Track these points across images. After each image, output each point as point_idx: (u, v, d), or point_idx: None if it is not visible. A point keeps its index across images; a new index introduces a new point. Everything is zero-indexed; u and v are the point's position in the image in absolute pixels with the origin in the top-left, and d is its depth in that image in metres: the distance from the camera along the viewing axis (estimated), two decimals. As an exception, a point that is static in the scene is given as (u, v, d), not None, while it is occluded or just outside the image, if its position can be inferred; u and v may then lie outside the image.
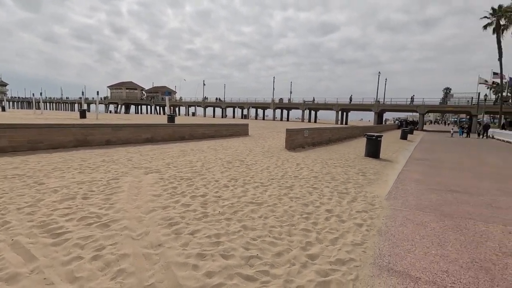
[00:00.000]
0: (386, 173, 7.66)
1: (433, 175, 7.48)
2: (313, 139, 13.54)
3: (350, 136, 20.39)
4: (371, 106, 53.40)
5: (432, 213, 4.34)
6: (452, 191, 5.77)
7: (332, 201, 4.75)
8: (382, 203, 4.80)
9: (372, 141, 10.37)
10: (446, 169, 8.56)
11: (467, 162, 10.52)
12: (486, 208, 4.71)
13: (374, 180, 6.63)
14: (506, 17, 27.90)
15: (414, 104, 49.16)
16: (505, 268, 2.77)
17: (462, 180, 7.01)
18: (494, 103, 45.07)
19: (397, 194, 5.42)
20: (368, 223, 3.82)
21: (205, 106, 78.05)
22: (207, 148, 10.47)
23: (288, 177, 6.31)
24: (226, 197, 4.52)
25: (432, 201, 4.99)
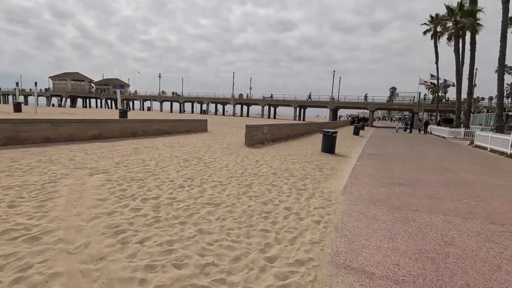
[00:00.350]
0: (341, 168, 7.97)
1: (383, 169, 7.97)
2: (273, 135, 13.65)
3: (308, 132, 21.06)
4: (326, 103, 55.90)
5: (383, 207, 4.56)
6: (399, 184, 6.18)
7: (291, 198, 4.74)
8: (338, 199, 4.93)
9: (328, 137, 10.75)
10: (394, 163, 9.20)
11: (410, 156, 11.47)
12: (429, 199, 5.10)
13: (330, 176, 6.84)
14: (442, 25, 31.07)
15: (365, 102, 52.63)
16: (447, 257, 2.97)
17: (407, 173, 7.57)
18: (431, 102, 50.21)
19: (352, 189, 5.63)
20: (325, 220, 3.87)
21: (161, 101, 74.68)
22: (162, 145, 9.91)
23: (248, 174, 6.20)
24: (181, 199, 4.25)
25: (383, 195, 5.27)
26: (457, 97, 30.05)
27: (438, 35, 32.41)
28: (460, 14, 26.30)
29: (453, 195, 5.47)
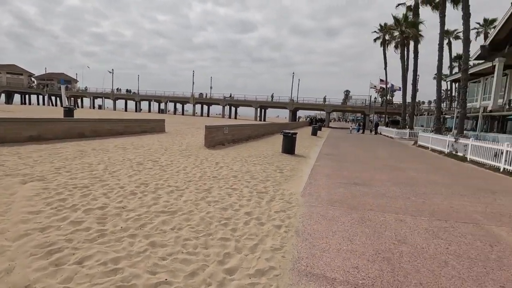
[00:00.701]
0: (301, 169, 8.09)
1: (340, 169, 8.27)
2: (233, 136, 13.47)
3: (269, 133, 21.27)
4: (286, 104, 57.27)
5: (341, 207, 4.66)
6: (355, 184, 6.43)
7: (252, 202, 4.62)
8: (298, 201, 4.93)
9: (288, 138, 10.89)
10: (349, 163, 9.62)
11: (364, 155, 12.15)
12: (382, 198, 5.36)
13: (290, 177, 6.87)
14: (390, 33, 33.75)
15: (322, 104, 54.99)
16: (401, 256, 3.08)
17: (362, 172, 7.93)
18: (381, 105, 54.26)
19: (312, 190, 5.69)
20: (286, 224, 3.80)
21: (115, 99, 69.95)
22: (114, 147, 9.14)
23: (207, 178, 5.94)
24: (132, 208, 3.87)
25: (340, 195, 5.41)
26: (403, 101, 32.83)
27: (386, 43, 35.10)
28: (405, 24, 28.82)
29: (403, 193, 5.83)
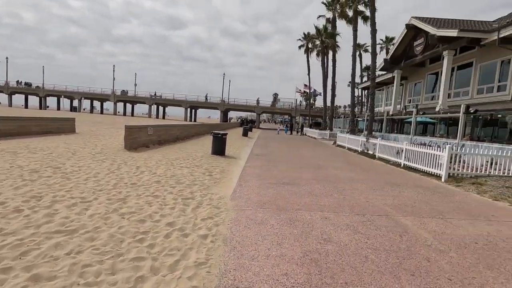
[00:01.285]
0: (231, 171, 7.88)
1: (269, 169, 8.35)
2: (159, 137, 12.47)
3: (199, 134, 20.56)
4: (217, 105, 56.84)
5: (271, 209, 4.58)
6: (284, 184, 6.52)
7: (175, 210, 4.16)
8: (227, 205, 4.67)
9: (218, 139, 10.57)
10: (278, 163, 9.86)
11: (291, 155, 12.69)
12: (308, 197, 5.52)
13: (220, 180, 6.57)
14: (312, 42, 36.74)
15: (253, 105, 56.38)
16: (327, 255, 3.09)
17: (290, 172, 8.17)
18: (305, 108, 58.68)
19: (241, 193, 5.51)
20: (213, 232, 3.49)
21: (11, 93, 58.28)
22: (0, 151, 7.35)
23: (124, 185, 5.18)
24: (12, 230, 3.00)
25: (270, 196, 5.36)
26: (323, 104, 36.04)
27: (309, 51, 38.02)
28: (325, 35, 31.73)
29: (326, 190, 6.14)
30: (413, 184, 7.44)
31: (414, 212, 4.86)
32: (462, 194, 6.50)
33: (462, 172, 8.11)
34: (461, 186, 7.22)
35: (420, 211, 4.93)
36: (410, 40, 23.58)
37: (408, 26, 22.45)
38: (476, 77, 19.51)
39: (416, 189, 6.81)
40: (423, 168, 9.00)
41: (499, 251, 3.44)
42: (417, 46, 22.67)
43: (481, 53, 18.53)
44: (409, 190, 6.61)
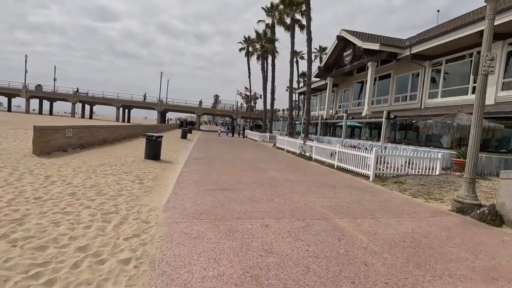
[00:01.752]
0: (167, 177, 7.21)
1: (208, 174, 7.90)
2: (81, 139, 10.89)
3: (132, 136, 18.82)
4: (154, 105, 53.47)
5: (208, 219, 4.19)
6: (223, 190, 6.17)
7: (92, 229, 3.45)
8: (158, 218, 4.12)
9: (152, 142, 9.68)
10: (218, 166, 9.47)
11: (232, 158, 12.42)
12: (249, 203, 5.29)
13: (152, 188, 5.90)
14: (253, 46, 37.35)
15: (193, 106, 54.60)
16: (268, 270, 2.86)
17: (230, 176, 7.86)
18: (246, 110, 59.37)
19: (176, 202, 4.98)
20: (138, 254, 2.95)
21: None
22: None
23: (24, 201, 4.18)
24: None
25: (208, 205, 4.96)
26: (263, 107, 36.89)
27: (250, 54, 38.52)
28: (265, 39, 32.54)
29: (267, 195, 6.01)
30: (346, 184, 7.88)
31: (349, 213, 5.03)
32: (388, 193, 7.09)
33: (386, 172, 8.93)
34: (386, 185, 7.92)
35: (354, 212, 5.13)
36: (341, 51, 25.71)
37: (339, 38, 24.43)
38: (393, 87, 22.21)
39: (349, 189, 7.19)
40: (354, 169, 9.68)
41: (423, 247, 3.69)
42: (346, 56, 24.83)
43: (397, 66, 21.18)
44: (343, 191, 6.94)
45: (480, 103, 5.49)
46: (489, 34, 5.39)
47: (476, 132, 5.51)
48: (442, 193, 6.96)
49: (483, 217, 4.98)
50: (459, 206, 5.51)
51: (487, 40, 5.40)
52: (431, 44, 16.86)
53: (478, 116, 5.50)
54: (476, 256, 3.52)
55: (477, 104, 5.52)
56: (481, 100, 5.49)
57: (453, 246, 3.81)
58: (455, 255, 3.52)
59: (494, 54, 5.37)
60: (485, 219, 4.94)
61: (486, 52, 5.36)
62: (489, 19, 5.37)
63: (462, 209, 5.44)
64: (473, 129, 5.56)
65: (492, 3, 5.33)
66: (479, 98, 5.52)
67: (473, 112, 5.60)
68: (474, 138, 5.52)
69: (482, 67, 5.36)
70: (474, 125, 5.55)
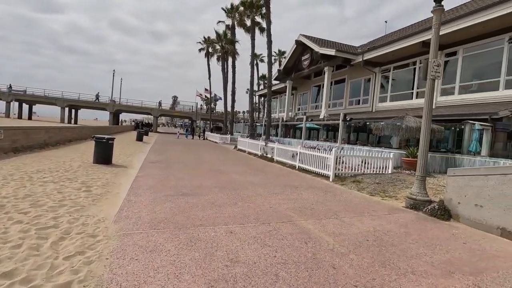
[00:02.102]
0: (119, 183, 6.57)
1: (166, 178, 7.40)
2: (16, 142, 9.53)
3: (80, 138, 17.16)
4: (106, 105, 49.75)
5: (167, 229, 3.82)
6: (184, 195, 5.78)
7: (22, 249, 2.89)
8: (108, 230, 3.64)
9: (102, 145, 8.81)
10: (177, 170, 8.95)
11: (192, 161, 11.91)
12: (211, 208, 4.99)
13: (101, 196, 5.28)
14: (213, 47, 36.75)
15: (149, 107, 51.94)
16: (235, 281, 2.63)
17: (190, 180, 7.45)
18: (206, 112, 58.26)
19: (130, 211, 4.49)
20: (81, 277, 2.51)
21: None
22: None
23: None
24: None
25: (167, 212, 4.56)
26: (224, 109, 36.45)
27: (210, 55, 37.85)
28: (225, 40, 32.22)
29: (230, 199, 5.76)
30: (308, 185, 7.96)
31: (313, 215, 5.01)
32: (347, 192, 7.30)
33: (344, 172, 9.25)
34: (345, 184, 8.18)
35: (319, 213, 5.13)
36: (299, 55, 26.49)
37: (297, 42, 25.13)
38: (348, 91, 23.47)
39: (311, 190, 7.26)
40: (315, 170, 9.88)
41: (385, 245, 3.77)
42: (305, 60, 25.66)
43: (351, 72, 22.43)
44: (306, 192, 6.97)
45: (429, 106, 5.90)
46: (435, 42, 5.83)
47: (426, 133, 5.90)
48: (396, 190, 7.37)
49: (434, 212, 5.33)
50: (412, 203, 5.84)
51: (434, 47, 5.84)
52: (380, 52, 18.14)
53: (427, 118, 5.90)
54: (432, 251, 3.68)
55: (426, 107, 5.92)
56: (430, 104, 5.91)
57: (411, 242, 3.96)
58: (414, 251, 3.65)
59: (440, 61, 5.81)
60: (436, 214, 5.29)
61: (434, 58, 5.78)
62: (435, 28, 5.81)
63: (415, 206, 5.78)
64: (423, 130, 5.95)
65: (437, 14, 5.77)
66: (428, 101, 5.93)
67: (423, 114, 6.00)
68: (424, 138, 5.92)
69: (430, 73, 5.77)
70: (424, 127, 5.95)
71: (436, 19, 5.81)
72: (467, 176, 4.97)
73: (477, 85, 14.05)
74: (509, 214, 4.33)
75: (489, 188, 4.62)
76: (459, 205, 5.09)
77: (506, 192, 4.39)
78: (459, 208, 5.08)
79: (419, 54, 16.75)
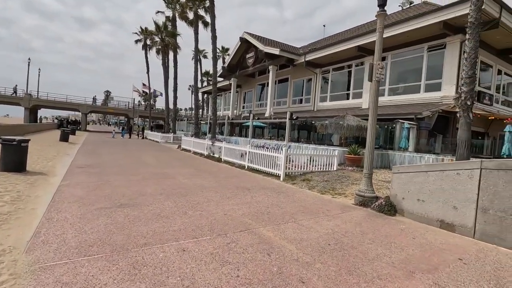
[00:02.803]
0: (35, 196, 5.36)
1: (99, 187, 6.35)
2: None
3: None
4: (19, 100, 42.40)
5: (102, 254, 3.10)
6: (122, 206, 4.96)
7: None
8: (17, 264, 2.77)
9: (12, 148, 7.19)
10: (112, 175, 7.83)
11: (130, 164, 10.68)
12: (157, 221, 4.34)
13: (10, 215, 4.16)
14: (151, 39, 34.12)
15: (76, 103, 46.05)
16: (195, 318, 2.16)
17: (129, 187, 6.54)
18: (145, 109, 54.25)
19: (50, 233, 3.58)
20: None
21: None
22: None
23: None
24: None
25: (101, 231, 3.76)
26: (166, 106, 34.30)
27: (148, 47, 35.13)
28: (166, 32, 30.17)
29: (179, 207, 5.15)
30: (260, 186, 7.73)
31: (271, 220, 4.75)
32: (300, 192, 7.29)
33: (294, 171, 9.31)
34: (296, 183, 8.19)
35: (276, 217, 4.90)
36: (244, 52, 26.33)
37: (242, 39, 24.91)
38: (291, 90, 24.21)
39: (264, 191, 7.04)
40: (265, 169, 9.74)
41: (347, 249, 3.69)
42: (249, 58, 25.61)
43: (294, 71, 23.16)
44: (259, 194, 6.71)
45: (375, 106, 6.16)
46: (379, 45, 6.10)
47: (372, 132, 6.15)
48: (343, 187, 7.64)
49: (381, 208, 5.57)
50: (361, 199, 6.05)
51: (378, 50, 6.11)
52: (320, 53, 19.05)
53: (373, 117, 6.15)
54: (390, 250, 3.74)
55: (372, 107, 6.18)
56: (375, 104, 6.18)
57: (369, 242, 3.98)
58: (374, 252, 3.64)
59: (383, 63, 6.10)
60: (383, 210, 5.53)
61: (378, 61, 6.04)
62: (379, 32, 6.07)
63: (363, 202, 5.99)
64: (370, 130, 6.20)
65: (381, 18, 6.05)
66: (373, 102, 6.19)
67: (369, 113, 6.25)
68: (371, 137, 6.17)
69: (375, 74, 6.01)
70: (370, 126, 6.20)
71: (380, 23, 6.08)
72: (411, 173, 5.29)
73: (403, 88, 15.75)
74: (446, 207, 4.71)
75: (429, 184, 4.97)
76: (403, 200, 5.40)
77: (444, 187, 4.76)
78: (403, 203, 5.39)
79: (355, 57, 18.09)
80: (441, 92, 13.56)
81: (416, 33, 13.94)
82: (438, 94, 13.65)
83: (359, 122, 11.60)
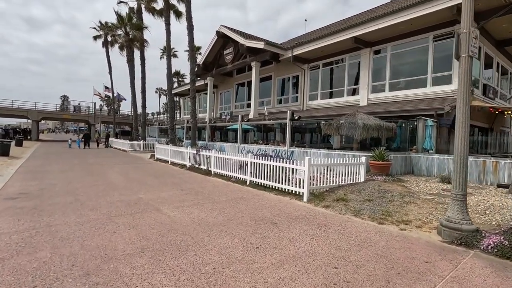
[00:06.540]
0: None
1: (32, 243, 3.62)
2: None
3: None
4: (-49, 107, 35.89)
5: None
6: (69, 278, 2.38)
7: None
8: None
9: None
10: (59, 213, 5.06)
11: (89, 186, 7.78)
12: None
13: None
14: (113, 34, 30.18)
15: (25, 109, 40.18)
16: None
17: (86, 239, 3.89)
18: (108, 114, 49.24)
19: None
20: None
21: None
22: None
23: None
24: None
25: None
26: (133, 110, 30.48)
27: (110, 44, 31.18)
28: (130, 25, 26.60)
29: (182, 286, 2.69)
30: (284, 214, 5.43)
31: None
32: (347, 222, 5.08)
33: (317, 187, 7.09)
34: (330, 206, 5.97)
35: (372, 298, 2.63)
36: (220, 49, 23.85)
37: (219, 34, 22.45)
38: (275, 89, 22.18)
39: (298, 225, 4.74)
40: (276, 185, 7.45)
41: None
42: (227, 55, 23.18)
43: (278, 68, 21.15)
44: (295, 232, 4.40)
45: (465, 93, 4.16)
46: (470, 6, 4.11)
47: (464, 134, 4.14)
48: (399, 210, 5.58)
49: (504, 251, 3.55)
50: (457, 235, 4.01)
51: (469, 13, 4.12)
52: (310, 47, 17.22)
53: (465, 112, 4.15)
54: None
55: (462, 98, 4.18)
56: (465, 93, 4.18)
57: None
58: None
59: (477, 31, 4.13)
60: (507, 253, 3.51)
61: (471, 28, 4.05)
62: (471, -15, 4.09)
63: (462, 240, 3.95)
64: (460, 130, 4.18)
65: None
66: (463, 91, 4.19)
67: (460, 106, 4.24)
68: (462, 136, 4.14)
69: (468, 47, 4.02)
70: (461, 124, 4.18)
71: (471, -28, 4.10)
72: None
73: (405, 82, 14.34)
74: None
75: None
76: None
77: None
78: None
79: (349, 50, 16.50)
80: (452, 86, 12.26)
81: (420, 20, 12.57)
82: (449, 87, 12.34)
83: (377, 121, 9.76)
